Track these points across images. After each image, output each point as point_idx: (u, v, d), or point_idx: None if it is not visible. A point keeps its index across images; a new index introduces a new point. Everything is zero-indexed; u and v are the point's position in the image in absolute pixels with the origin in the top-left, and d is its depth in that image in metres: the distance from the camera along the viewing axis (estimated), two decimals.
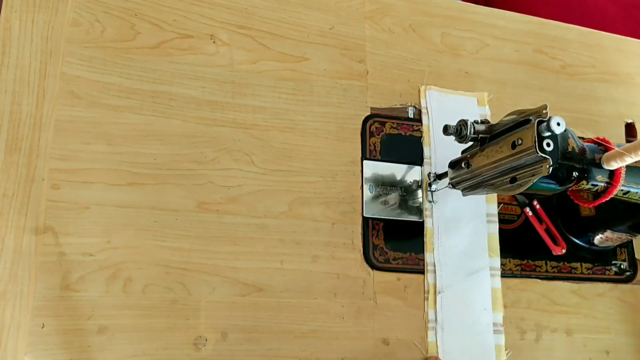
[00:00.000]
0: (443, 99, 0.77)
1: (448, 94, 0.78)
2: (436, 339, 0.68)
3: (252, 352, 0.61)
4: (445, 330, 0.68)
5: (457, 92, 0.78)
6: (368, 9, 0.79)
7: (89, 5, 0.66)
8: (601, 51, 0.90)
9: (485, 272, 0.72)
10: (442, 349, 0.67)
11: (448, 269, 0.70)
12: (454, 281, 0.70)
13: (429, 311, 0.68)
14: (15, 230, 0.57)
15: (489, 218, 0.74)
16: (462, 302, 0.69)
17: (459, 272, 0.70)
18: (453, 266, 0.70)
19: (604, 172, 0.60)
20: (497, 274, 0.72)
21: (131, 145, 0.63)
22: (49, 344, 0.56)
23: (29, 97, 0.61)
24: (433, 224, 0.71)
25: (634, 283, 0.78)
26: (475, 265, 0.71)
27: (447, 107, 0.76)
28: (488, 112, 0.79)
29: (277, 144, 0.69)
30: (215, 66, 0.69)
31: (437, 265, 0.69)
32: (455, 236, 0.71)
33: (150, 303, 0.59)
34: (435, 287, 0.69)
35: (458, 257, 0.71)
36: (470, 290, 0.70)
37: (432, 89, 0.77)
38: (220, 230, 0.64)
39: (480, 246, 0.72)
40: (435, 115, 0.75)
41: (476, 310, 0.70)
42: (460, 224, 0.72)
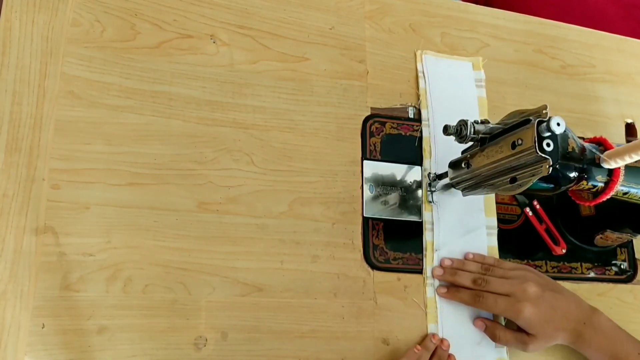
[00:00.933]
0: (439, 64, 0.79)
1: (444, 59, 0.80)
2: (435, 295, 0.69)
3: (252, 352, 0.61)
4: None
5: (453, 57, 0.80)
6: (368, 9, 0.79)
7: (89, 5, 0.66)
8: (601, 51, 0.90)
9: (482, 231, 0.73)
10: (440, 306, 0.68)
11: (445, 226, 0.71)
12: (451, 239, 0.71)
13: (427, 268, 0.70)
14: (16, 230, 0.57)
15: None
16: None
17: (455, 230, 0.72)
18: (450, 225, 0.71)
19: (604, 171, 0.60)
20: (493, 232, 0.73)
21: (131, 145, 0.63)
22: (49, 344, 0.56)
23: (29, 97, 0.61)
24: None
25: (634, 283, 0.78)
26: (472, 224, 0.72)
27: (443, 72, 0.79)
28: (483, 76, 0.80)
29: (277, 144, 0.69)
30: (215, 66, 0.69)
31: (435, 224, 0.71)
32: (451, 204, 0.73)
33: (150, 303, 0.59)
34: (433, 245, 0.70)
35: (456, 215, 0.72)
36: (467, 248, 0.72)
37: (428, 54, 0.79)
38: (220, 230, 0.64)
39: (476, 207, 0.74)
40: (432, 79, 0.77)
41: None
42: None
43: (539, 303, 0.64)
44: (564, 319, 0.65)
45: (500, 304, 0.65)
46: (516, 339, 0.66)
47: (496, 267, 0.69)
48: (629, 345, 0.65)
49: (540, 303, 0.64)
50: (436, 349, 0.66)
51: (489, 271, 0.68)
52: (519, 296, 0.64)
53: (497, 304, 0.65)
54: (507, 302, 0.65)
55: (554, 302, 0.65)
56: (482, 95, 0.79)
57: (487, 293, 0.66)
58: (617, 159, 0.57)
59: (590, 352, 0.66)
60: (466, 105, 0.78)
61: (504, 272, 0.68)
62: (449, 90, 0.78)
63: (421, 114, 0.76)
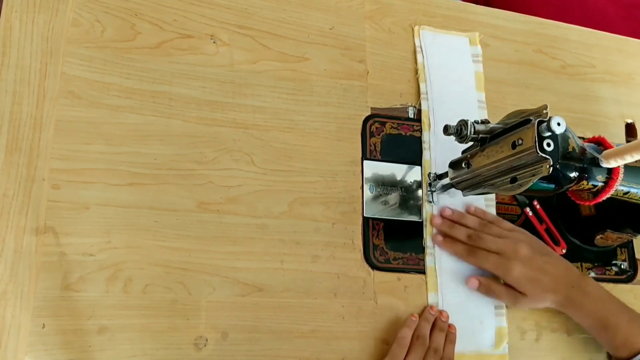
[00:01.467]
0: (436, 39, 0.80)
1: (441, 34, 0.81)
2: (434, 264, 0.70)
3: (252, 352, 0.61)
4: None
5: (450, 32, 0.81)
6: (368, 9, 0.79)
7: (89, 5, 0.66)
8: (601, 51, 0.90)
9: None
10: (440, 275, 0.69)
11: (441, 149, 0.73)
12: None
13: (426, 238, 0.71)
14: (16, 230, 0.57)
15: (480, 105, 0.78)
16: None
17: None
18: None
19: (604, 171, 0.60)
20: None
21: (131, 145, 0.63)
22: (49, 344, 0.56)
23: (29, 97, 0.61)
24: None
25: (634, 283, 0.78)
26: None
27: (441, 47, 0.80)
28: (480, 51, 0.81)
29: (277, 144, 0.69)
30: (215, 66, 0.69)
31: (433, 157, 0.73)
32: None
33: (150, 303, 0.59)
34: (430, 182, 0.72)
35: None
36: None
37: (425, 29, 0.80)
38: (220, 230, 0.64)
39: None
40: (429, 54, 0.78)
41: None
42: None
43: (529, 264, 0.66)
44: (553, 281, 0.66)
45: (491, 260, 0.67)
46: (508, 293, 0.67)
47: (494, 224, 0.70)
48: (619, 310, 0.67)
49: (530, 264, 0.66)
50: (436, 320, 0.67)
51: (487, 227, 0.70)
52: (510, 255, 0.66)
53: (487, 260, 0.67)
54: (498, 259, 0.67)
55: (544, 265, 0.66)
56: (479, 70, 0.80)
57: (480, 250, 0.68)
58: (616, 158, 0.57)
59: (580, 316, 0.68)
60: (463, 80, 0.79)
61: (500, 231, 0.69)
62: (446, 65, 0.79)
63: (420, 88, 0.77)
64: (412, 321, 0.66)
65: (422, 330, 0.65)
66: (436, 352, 0.64)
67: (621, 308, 0.67)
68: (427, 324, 0.66)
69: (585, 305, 0.67)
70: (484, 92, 0.79)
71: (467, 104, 0.78)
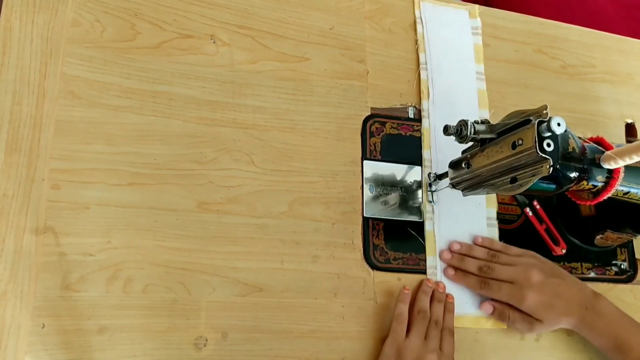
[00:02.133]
0: (436, 11, 0.81)
1: (441, 6, 0.82)
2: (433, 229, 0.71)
3: (252, 352, 0.61)
4: (442, 218, 0.72)
5: (449, 4, 0.83)
6: (368, 9, 0.79)
7: (89, 5, 0.66)
8: (601, 51, 0.90)
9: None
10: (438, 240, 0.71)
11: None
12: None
13: (424, 152, 0.73)
14: (16, 231, 0.57)
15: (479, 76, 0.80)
16: None
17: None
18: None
19: (604, 171, 0.60)
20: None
21: (131, 145, 0.63)
22: (49, 344, 0.56)
23: (29, 97, 0.61)
24: None
25: (634, 283, 0.78)
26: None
27: (440, 18, 0.81)
28: (479, 24, 0.82)
29: (277, 144, 0.69)
30: (215, 66, 0.69)
31: (431, 113, 0.75)
32: None
33: (150, 303, 0.59)
34: (429, 132, 0.74)
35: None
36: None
37: (425, 1, 0.81)
38: (220, 230, 0.64)
39: (471, 102, 0.77)
40: (429, 25, 0.79)
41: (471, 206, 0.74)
42: None
43: (542, 290, 0.66)
44: (567, 304, 0.66)
45: (504, 290, 0.67)
46: (523, 320, 0.67)
47: (502, 252, 0.70)
48: (632, 329, 0.66)
49: (544, 290, 0.66)
50: (433, 292, 0.68)
51: (495, 257, 0.70)
52: (523, 283, 0.66)
53: (501, 291, 0.67)
54: (511, 289, 0.66)
55: (557, 288, 0.66)
56: (478, 43, 0.82)
57: (492, 280, 0.68)
58: (617, 160, 0.57)
59: (593, 336, 0.67)
60: (462, 52, 0.81)
61: (509, 259, 0.69)
62: (446, 36, 0.80)
63: (419, 58, 0.78)
64: (405, 294, 0.66)
65: (422, 304, 0.66)
66: (437, 323, 0.65)
67: (635, 327, 0.66)
68: (426, 297, 0.67)
69: (599, 326, 0.66)
70: (483, 64, 0.80)
71: (466, 75, 0.79)
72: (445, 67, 0.78)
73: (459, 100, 0.77)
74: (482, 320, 0.69)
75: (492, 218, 0.74)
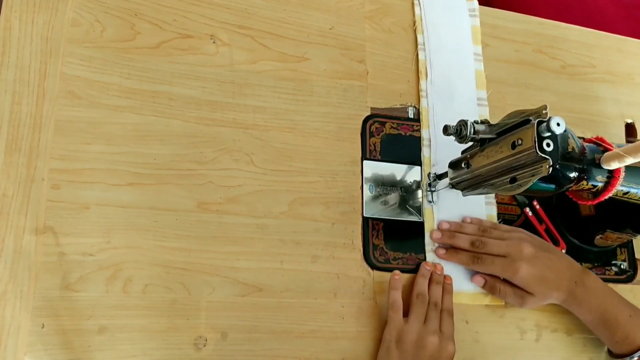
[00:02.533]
0: None
1: None
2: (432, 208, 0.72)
3: (252, 352, 0.61)
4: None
5: None
6: (368, 9, 0.79)
7: (89, 5, 0.66)
8: (601, 51, 0.90)
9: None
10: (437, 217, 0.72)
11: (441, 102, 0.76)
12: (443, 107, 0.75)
13: (423, 131, 0.74)
14: (15, 230, 0.57)
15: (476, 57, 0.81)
16: None
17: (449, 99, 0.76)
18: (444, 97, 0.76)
19: (604, 171, 0.60)
20: (484, 103, 0.78)
21: (131, 145, 0.63)
22: (49, 344, 0.56)
23: (29, 97, 0.61)
24: None
25: (634, 283, 0.78)
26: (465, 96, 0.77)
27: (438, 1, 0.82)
28: (476, 6, 0.83)
29: (277, 144, 0.69)
30: (215, 66, 0.69)
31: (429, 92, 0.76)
32: None
33: (150, 303, 0.59)
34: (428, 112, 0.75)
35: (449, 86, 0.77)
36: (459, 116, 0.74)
37: None
38: (220, 230, 0.64)
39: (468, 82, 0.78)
40: (427, 6, 0.81)
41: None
42: None
43: (534, 262, 0.66)
44: (558, 278, 0.67)
45: (497, 264, 0.67)
46: (515, 294, 0.68)
47: (493, 229, 0.71)
48: (620, 306, 0.67)
49: (536, 262, 0.66)
50: (432, 274, 0.68)
51: (487, 232, 0.70)
52: (515, 256, 0.66)
53: (494, 265, 0.67)
54: (504, 262, 0.67)
55: (548, 261, 0.67)
56: (476, 24, 0.82)
57: (485, 255, 0.68)
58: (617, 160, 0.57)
59: (581, 311, 0.68)
60: (460, 33, 0.81)
61: (500, 234, 0.69)
62: (443, 17, 0.81)
63: (417, 39, 0.79)
64: (397, 280, 0.66)
65: (420, 288, 0.66)
66: (436, 305, 0.66)
67: (622, 303, 0.67)
68: (425, 280, 0.67)
69: (587, 301, 0.67)
70: (481, 45, 0.81)
71: (463, 55, 0.80)
72: (444, 47, 0.79)
73: (457, 81, 0.78)
74: (480, 297, 0.70)
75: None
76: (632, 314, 0.66)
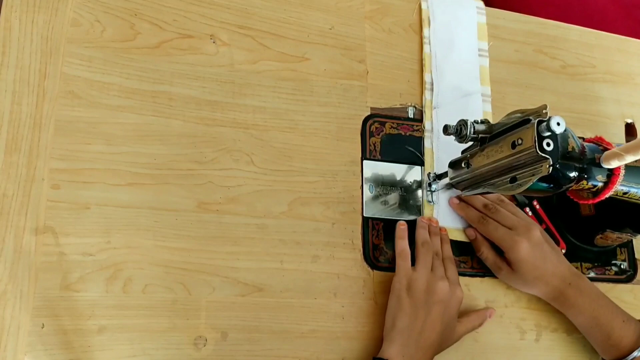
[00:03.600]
0: None
1: None
2: (432, 146, 0.74)
3: (252, 352, 0.61)
4: (440, 139, 0.75)
5: None
6: (368, 9, 0.79)
7: (89, 5, 0.66)
8: (601, 51, 0.90)
9: (477, 96, 0.78)
10: (436, 155, 0.74)
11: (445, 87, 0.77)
12: (449, 100, 0.77)
13: (425, 122, 0.75)
14: (15, 230, 0.57)
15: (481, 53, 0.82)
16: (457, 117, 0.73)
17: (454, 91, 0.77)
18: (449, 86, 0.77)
19: (604, 171, 0.60)
20: (488, 100, 0.79)
21: (131, 145, 0.63)
22: (49, 344, 0.56)
23: (29, 97, 0.61)
24: (430, 49, 0.79)
25: (634, 283, 0.78)
26: (469, 89, 0.78)
27: None
28: (482, 5, 0.84)
29: (277, 144, 0.69)
30: (215, 66, 0.69)
31: (435, 84, 0.77)
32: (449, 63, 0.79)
33: (150, 303, 0.59)
34: (432, 103, 0.76)
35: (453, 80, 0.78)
36: (463, 110, 0.77)
37: None
38: (220, 230, 0.64)
39: (472, 75, 0.79)
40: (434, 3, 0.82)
41: None
42: None
43: (535, 248, 0.67)
44: (550, 274, 0.67)
45: (500, 231, 0.68)
46: (495, 262, 0.69)
47: (511, 205, 0.72)
48: (614, 311, 0.67)
49: (536, 248, 0.67)
50: (429, 227, 0.70)
51: (504, 204, 0.71)
52: (521, 232, 0.67)
53: (497, 231, 0.68)
54: (507, 232, 0.68)
55: (549, 255, 0.68)
56: (482, 21, 0.83)
57: (491, 219, 0.69)
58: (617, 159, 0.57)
59: (574, 313, 0.69)
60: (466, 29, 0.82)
61: (516, 210, 0.71)
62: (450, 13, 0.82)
63: (423, 32, 0.80)
64: (402, 230, 0.69)
65: (423, 237, 0.69)
66: (438, 254, 0.68)
67: (616, 309, 0.68)
68: (425, 231, 0.70)
69: (580, 303, 0.67)
70: (487, 42, 0.82)
71: (469, 51, 0.81)
72: (449, 42, 0.80)
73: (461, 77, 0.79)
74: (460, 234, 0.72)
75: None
76: (625, 320, 0.67)
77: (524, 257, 0.66)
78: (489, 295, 0.72)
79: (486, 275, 0.72)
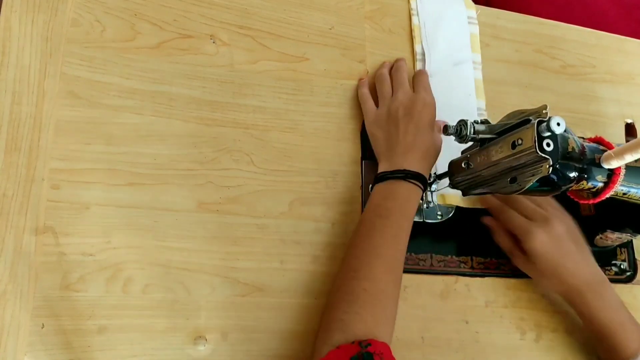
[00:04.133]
0: None
1: None
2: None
3: (252, 352, 0.61)
4: None
5: None
6: (368, 9, 0.79)
7: (89, 5, 0.66)
8: (601, 51, 0.90)
9: (469, 64, 0.79)
10: None
11: (436, 56, 0.78)
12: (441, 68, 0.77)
13: None
14: (15, 230, 0.57)
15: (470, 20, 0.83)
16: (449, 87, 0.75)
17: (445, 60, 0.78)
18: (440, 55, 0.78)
19: (604, 171, 0.60)
20: (479, 67, 0.80)
21: (131, 145, 0.63)
22: (49, 344, 0.56)
23: (29, 97, 0.61)
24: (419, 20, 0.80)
25: (634, 283, 0.78)
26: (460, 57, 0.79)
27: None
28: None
29: (277, 144, 0.69)
30: (215, 66, 0.69)
31: (426, 54, 0.78)
32: None
33: (150, 303, 0.59)
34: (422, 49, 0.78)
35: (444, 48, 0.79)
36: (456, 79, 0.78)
37: None
38: (220, 231, 0.64)
39: (463, 42, 0.80)
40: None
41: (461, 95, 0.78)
42: None
43: (554, 241, 0.63)
44: (570, 273, 0.64)
45: (517, 219, 0.65)
46: (511, 248, 0.67)
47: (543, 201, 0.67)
48: (631, 324, 0.64)
49: (556, 243, 0.63)
50: None
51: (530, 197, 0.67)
52: (540, 223, 0.64)
53: (514, 218, 0.66)
54: (525, 222, 0.65)
55: (571, 252, 0.64)
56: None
57: (511, 209, 0.66)
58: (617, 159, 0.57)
59: (588, 316, 0.65)
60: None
61: (546, 203, 0.67)
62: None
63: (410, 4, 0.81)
64: (363, 81, 0.73)
65: (379, 71, 0.73)
66: (402, 84, 0.70)
67: (633, 321, 0.65)
68: (384, 69, 0.73)
69: (597, 306, 0.64)
70: (475, 10, 0.83)
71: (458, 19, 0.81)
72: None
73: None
74: None
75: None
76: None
77: (537, 248, 0.63)
78: (489, 295, 0.71)
79: (486, 275, 0.72)
